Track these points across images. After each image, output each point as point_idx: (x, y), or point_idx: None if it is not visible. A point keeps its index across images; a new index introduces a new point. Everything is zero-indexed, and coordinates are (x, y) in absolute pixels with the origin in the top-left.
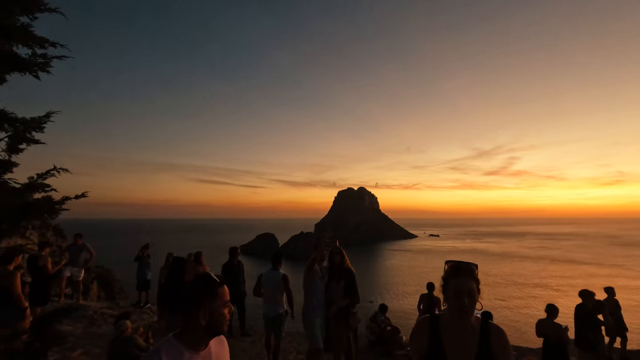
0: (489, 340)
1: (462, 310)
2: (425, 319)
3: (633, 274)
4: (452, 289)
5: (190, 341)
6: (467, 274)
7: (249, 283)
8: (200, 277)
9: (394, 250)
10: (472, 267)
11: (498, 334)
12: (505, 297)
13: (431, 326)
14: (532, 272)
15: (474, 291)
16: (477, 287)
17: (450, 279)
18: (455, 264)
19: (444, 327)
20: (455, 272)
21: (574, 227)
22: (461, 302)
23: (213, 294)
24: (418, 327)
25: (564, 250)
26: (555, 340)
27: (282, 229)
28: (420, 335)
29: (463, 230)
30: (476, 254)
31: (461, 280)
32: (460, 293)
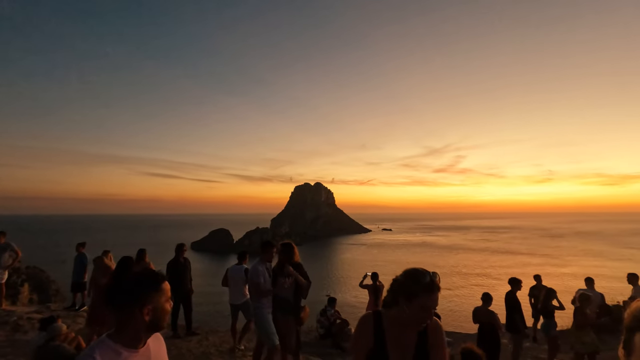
0: (427, 335)
1: (423, 324)
2: (368, 318)
3: (559, 262)
4: (422, 304)
5: (128, 339)
6: (437, 291)
7: (202, 280)
8: (145, 272)
9: (349, 244)
10: (438, 282)
11: (434, 329)
12: (451, 286)
13: (375, 324)
14: (475, 262)
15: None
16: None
17: (421, 294)
18: (428, 278)
19: (387, 325)
20: (429, 289)
21: (511, 221)
22: (426, 317)
23: (158, 289)
24: (361, 327)
25: (503, 242)
26: (488, 325)
27: (237, 224)
28: (364, 335)
29: (414, 225)
30: (426, 247)
31: (434, 298)
32: (429, 309)
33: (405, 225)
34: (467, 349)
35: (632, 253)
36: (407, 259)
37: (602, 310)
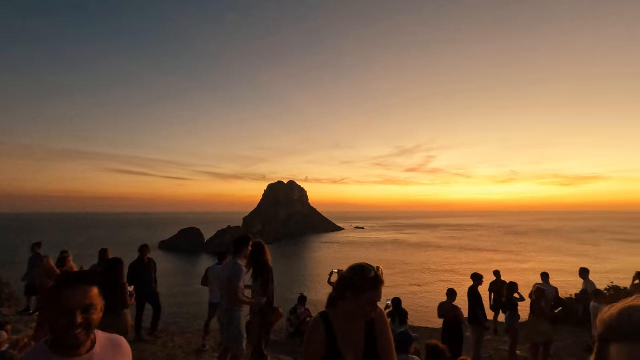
0: (373, 326)
1: (366, 318)
2: (318, 322)
3: (521, 258)
4: (368, 298)
5: (62, 346)
6: (381, 284)
7: (170, 280)
8: (62, 275)
9: (323, 242)
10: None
11: (379, 319)
12: (421, 282)
13: (325, 327)
14: (443, 259)
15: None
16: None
17: (367, 288)
18: (373, 274)
19: (337, 324)
20: (374, 283)
21: (478, 219)
22: (370, 311)
23: (55, 297)
24: (311, 333)
25: (470, 240)
26: (452, 320)
27: (208, 223)
28: (315, 341)
29: (386, 223)
30: (397, 245)
31: (379, 292)
32: (374, 303)
33: (377, 224)
34: (431, 344)
35: (586, 249)
36: (379, 256)
37: (556, 303)
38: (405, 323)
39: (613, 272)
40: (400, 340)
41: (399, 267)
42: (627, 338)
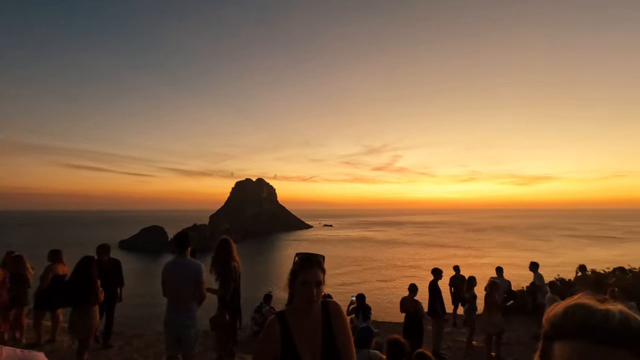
0: (330, 320)
1: (310, 300)
2: (273, 322)
3: (480, 253)
4: (301, 280)
5: None
6: (315, 265)
7: (130, 281)
8: None
9: (291, 240)
10: (319, 259)
11: (335, 313)
12: (387, 278)
13: (281, 327)
14: (408, 255)
15: (321, 282)
16: (323, 277)
17: (299, 270)
18: (304, 255)
19: (293, 322)
20: (304, 264)
21: (441, 216)
22: (309, 292)
23: None
24: (265, 334)
25: (434, 236)
26: (413, 314)
27: (173, 221)
28: (269, 342)
29: (354, 220)
30: (364, 242)
31: (310, 271)
32: (309, 283)
33: (345, 221)
34: (392, 338)
35: (538, 244)
36: (347, 253)
37: (509, 295)
38: (368, 318)
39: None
40: (362, 335)
41: (367, 263)
42: (570, 336)
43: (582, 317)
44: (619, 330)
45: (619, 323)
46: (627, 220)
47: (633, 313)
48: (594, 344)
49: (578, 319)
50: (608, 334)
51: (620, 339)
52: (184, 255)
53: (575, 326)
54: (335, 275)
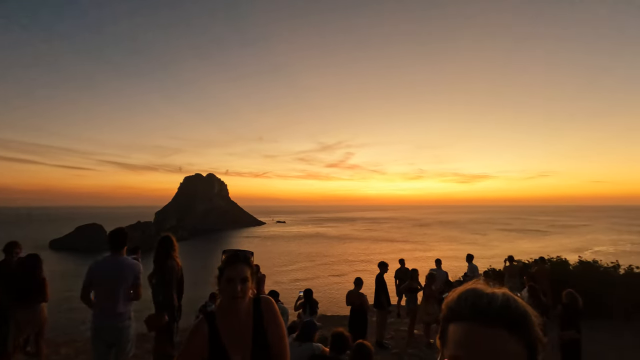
0: (261, 316)
1: (234, 297)
2: (201, 324)
3: (426, 247)
4: (226, 277)
5: None
6: (241, 261)
7: (61, 284)
8: None
9: (243, 237)
10: (247, 255)
11: (267, 307)
12: (339, 273)
13: (209, 325)
14: (360, 250)
15: (248, 278)
16: (251, 273)
17: (225, 267)
18: (231, 252)
19: (221, 321)
20: (230, 260)
21: (391, 212)
22: (234, 288)
23: None
24: (192, 333)
25: (384, 232)
26: (358, 306)
27: (113, 218)
28: (194, 345)
29: (307, 217)
30: (318, 238)
31: (235, 268)
32: (233, 280)
33: (299, 218)
34: (335, 331)
35: (476, 238)
36: (300, 249)
37: (446, 286)
38: (315, 313)
39: (495, 257)
40: (305, 329)
41: (320, 259)
42: (462, 318)
43: (472, 300)
44: (499, 311)
45: (500, 305)
46: (550, 216)
47: (514, 295)
48: (479, 324)
49: (469, 303)
50: (491, 315)
51: (501, 318)
52: (119, 253)
53: (465, 309)
54: (288, 271)
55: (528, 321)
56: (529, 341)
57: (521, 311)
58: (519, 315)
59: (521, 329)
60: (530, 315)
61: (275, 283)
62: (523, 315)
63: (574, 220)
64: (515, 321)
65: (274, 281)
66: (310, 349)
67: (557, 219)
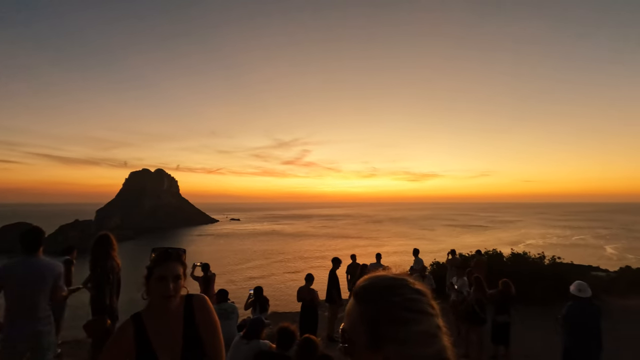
0: (193, 315)
1: (165, 296)
2: (127, 323)
3: (379, 243)
4: (157, 275)
5: None
6: (173, 259)
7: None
8: None
9: (195, 235)
10: (179, 252)
11: (200, 306)
12: (294, 270)
13: (136, 326)
14: (315, 247)
15: (180, 276)
16: (183, 271)
17: (155, 266)
18: (161, 250)
19: (150, 322)
20: (160, 258)
21: (346, 209)
22: (165, 287)
23: None
24: (117, 334)
25: (339, 228)
26: (309, 302)
27: (48, 216)
28: (121, 343)
29: (263, 214)
30: (273, 235)
31: (167, 266)
32: (165, 278)
33: (254, 215)
34: (281, 327)
35: (425, 233)
36: (255, 247)
37: None
38: (265, 310)
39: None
40: (252, 326)
41: (275, 256)
42: (364, 301)
43: (372, 287)
44: (362, 288)
45: (361, 284)
46: (490, 212)
47: (383, 276)
48: (356, 301)
49: (369, 289)
50: (353, 293)
51: (356, 294)
52: (34, 255)
53: (366, 294)
54: (242, 269)
55: (367, 297)
56: (368, 314)
57: (361, 289)
58: (361, 292)
59: (362, 303)
60: (363, 295)
61: (228, 282)
62: (362, 292)
63: (509, 216)
64: (358, 295)
65: (227, 280)
66: (257, 346)
67: (495, 215)
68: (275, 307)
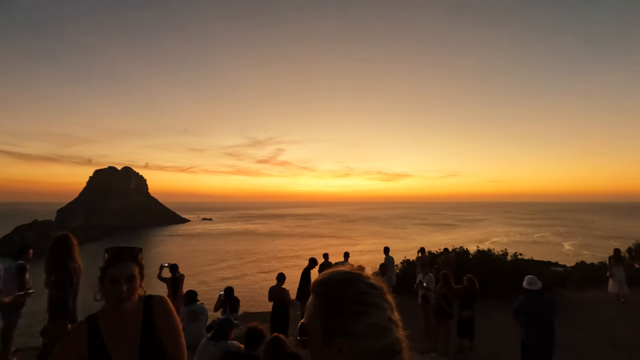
0: (153, 316)
1: (119, 298)
2: (80, 325)
3: (353, 242)
4: (110, 276)
5: None
6: (127, 259)
7: None
8: None
9: (165, 235)
10: (135, 252)
11: (160, 307)
12: (267, 270)
13: (90, 329)
14: (289, 247)
15: (135, 276)
16: (140, 272)
17: (108, 266)
18: (115, 249)
19: (105, 324)
20: (114, 259)
21: (320, 209)
22: (118, 289)
23: None
24: (69, 338)
25: (314, 227)
26: (280, 302)
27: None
28: (71, 347)
29: (236, 214)
30: (247, 235)
31: (120, 266)
32: (118, 279)
33: (227, 215)
34: (250, 327)
35: (397, 232)
36: (228, 247)
37: None
38: (236, 311)
39: (412, 249)
40: (220, 327)
41: (249, 256)
42: (318, 295)
43: (327, 282)
44: (318, 283)
45: (317, 280)
46: (459, 211)
47: (340, 270)
48: (312, 295)
49: (324, 283)
50: (310, 287)
51: (314, 289)
52: None
53: (321, 288)
54: (214, 270)
55: (321, 291)
56: (322, 307)
57: (317, 283)
58: (316, 286)
59: (317, 297)
60: (318, 289)
61: (200, 283)
62: (317, 286)
63: (477, 215)
64: (314, 289)
65: (199, 281)
66: (224, 347)
67: (464, 214)
68: (247, 307)
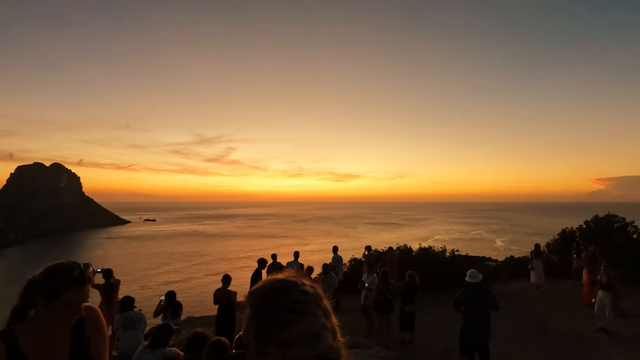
0: (83, 327)
1: (71, 321)
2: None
3: (304, 242)
4: (68, 300)
5: None
6: (87, 283)
7: None
8: None
9: (101, 238)
10: (90, 274)
11: (90, 318)
12: (216, 272)
13: (7, 348)
14: (240, 248)
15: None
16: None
17: (66, 291)
18: (70, 268)
19: (28, 338)
20: (75, 282)
21: (271, 209)
22: (75, 313)
23: None
24: None
25: (265, 228)
26: (226, 304)
27: None
28: None
29: (182, 214)
30: (194, 236)
31: (81, 291)
32: (80, 303)
33: (172, 215)
34: (195, 332)
35: (348, 231)
36: (174, 249)
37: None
38: (177, 316)
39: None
40: (157, 334)
41: (196, 259)
42: (250, 306)
43: (258, 294)
44: (250, 293)
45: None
46: (405, 211)
47: (274, 279)
48: (247, 305)
49: (255, 295)
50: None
51: (246, 300)
52: None
53: (253, 300)
54: (158, 274)
55: (253, 302)
56: (255, 318)
57: (250, 294)
58: (249, 297)
59: (250, 308)
60: (250, 299)
61: (143, 288)
62: (250, 296)
63: (422, 214)
64: (247, 299)
65: (141, 286)
66: (162, 355)
67: (410, 213)
68: (192, 312)
